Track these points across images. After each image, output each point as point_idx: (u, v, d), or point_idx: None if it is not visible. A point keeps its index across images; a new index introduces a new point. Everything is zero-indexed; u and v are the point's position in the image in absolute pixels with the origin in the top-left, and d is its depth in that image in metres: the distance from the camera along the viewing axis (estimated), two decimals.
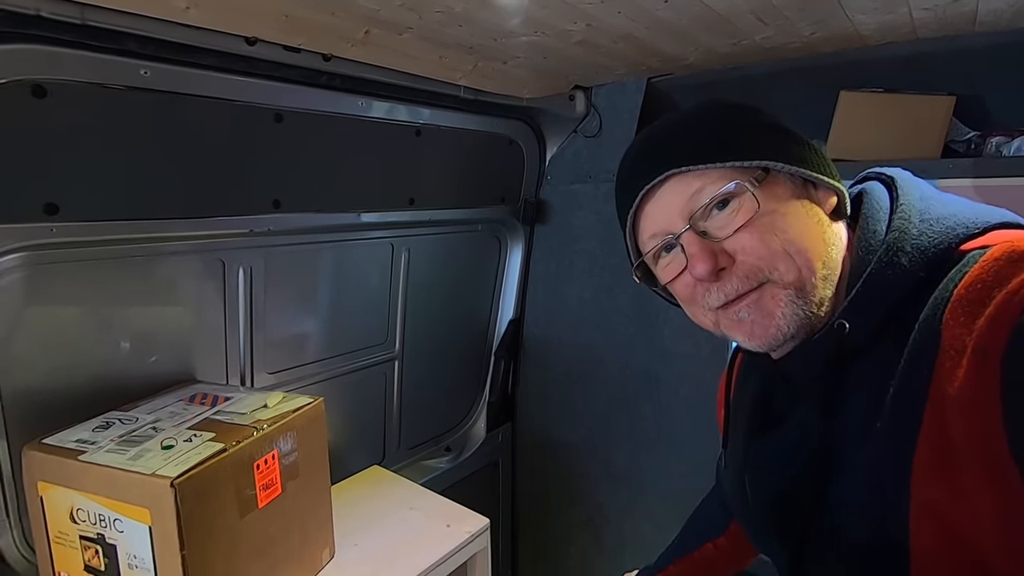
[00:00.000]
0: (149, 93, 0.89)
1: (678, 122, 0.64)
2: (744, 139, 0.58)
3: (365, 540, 1.13)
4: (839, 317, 0.54)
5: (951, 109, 1.15)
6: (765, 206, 0.55)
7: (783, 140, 0.59)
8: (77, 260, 0.92)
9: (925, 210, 0.55)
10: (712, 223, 0.57)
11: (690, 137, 0.60)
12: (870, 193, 0.61)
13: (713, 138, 0.59)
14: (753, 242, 0.55)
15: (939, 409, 0.47)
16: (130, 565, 0.78)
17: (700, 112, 0.64)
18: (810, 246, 0.55)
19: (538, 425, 1.86)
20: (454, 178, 1.47)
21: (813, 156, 0.59)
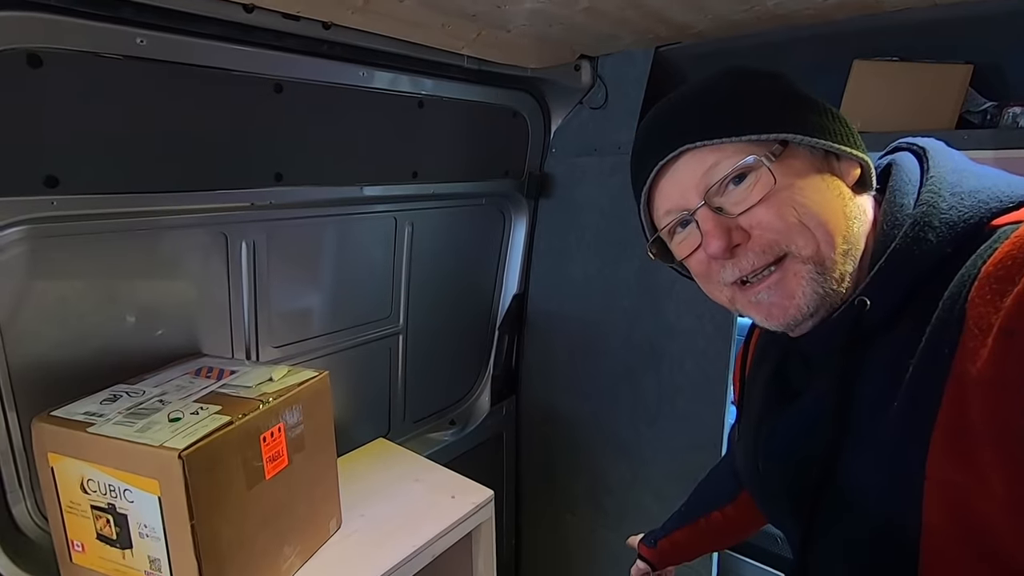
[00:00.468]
0: (146, 63, 0.87)
1: (693, 94, 0.61)
2: (761, 110, 0.56)
3: (371, 511, 1.14)
4: (860, 293, 0.53)
5: (968, 78, 1.12)
6: (783, 180, 0.54)
7: (803, 109, 0.57)
8: (80, 234, 0.92)
9: (957, 183, 0.53)
10: (728, 198, 0.56)
11: (705, 110, 0.58)
12: (899, 165, 0.58)
13: (728, 110, 0.57)
14: (769, 216, 0.54)
15: (960, 388, 0.46)
16: (141, 534, 0.79)
17: (716, 81, 0.61)
18: (830, 219, 0.54)
19: (542, 398, 1.87)
20: (457, 151, 1.45)
21: (836, 126, 0.57)
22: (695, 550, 1.00)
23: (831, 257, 0.54)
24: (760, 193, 0.54)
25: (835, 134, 0.57)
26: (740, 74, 0.61)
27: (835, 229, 0.54)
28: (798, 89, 0.59)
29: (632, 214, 0.67)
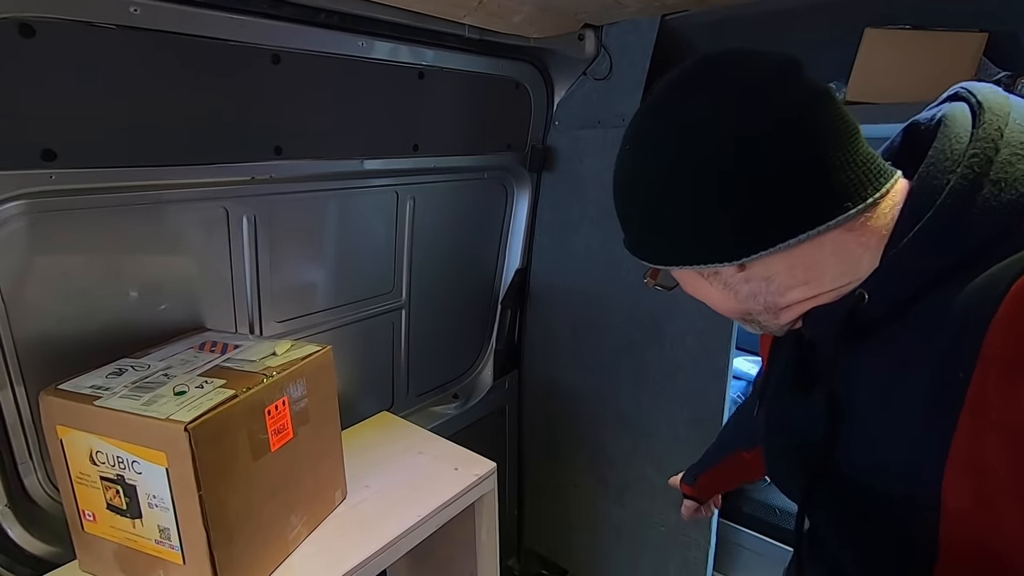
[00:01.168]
0: (140, 32, 0.85)
1: (620, 192, 0.62)
2: (672, 239, 0.56)
3: (376, 482, 1.16)
4: (861, 286, 0.51)
5: (982, 47, 1.09)
6: (711, 291, 0.59)
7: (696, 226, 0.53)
8: (80, 208, 0.91)
9: (1005, 164, 0.46)
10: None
11: (628, 226, 0.61)
12: (946, 128, 0.51)
13: (646, 239, 0.59)
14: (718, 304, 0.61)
15: (976, 423, 0.44)
16: (150, 504, 0.81)
17: (631, 186, 0.59)
18: (781, 296, 0.56)
19: (544, 372, 1.88)
20: (459, 123, 1.43)
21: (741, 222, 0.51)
22: (732, 482, 1.11)
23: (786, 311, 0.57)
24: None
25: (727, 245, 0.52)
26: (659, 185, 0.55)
27: (747, 312, 0.59)
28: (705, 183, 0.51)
29: None
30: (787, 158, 0.48)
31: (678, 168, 0.52)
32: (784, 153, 0.48)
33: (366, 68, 1.17)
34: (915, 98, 1.12)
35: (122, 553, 0.86)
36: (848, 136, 0.50)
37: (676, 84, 0.54)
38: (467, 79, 1.39)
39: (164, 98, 0.92)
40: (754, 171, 0.49)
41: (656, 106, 0.55)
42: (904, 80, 1.15)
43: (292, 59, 1.04)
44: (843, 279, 0.53)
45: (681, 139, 0.52)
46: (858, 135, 0.51)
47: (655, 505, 1.70)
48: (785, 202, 0.49)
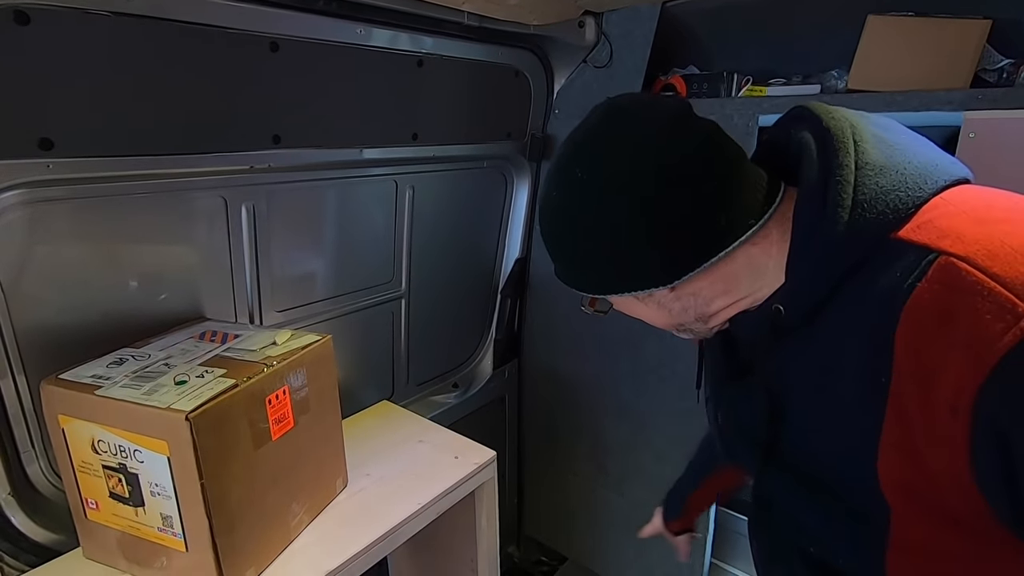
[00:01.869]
0: (136, 19, 0.84)
1: (547, 230, 0.65)
2: (609, 272, 0.61)
3: (377, 470, 1.17)
4: (775, 300, 0.59)
5: (985, 34, 1.08)
6: (646, 310, 0.66)
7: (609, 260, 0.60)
8: (78, 197, 0.91)
9: (861, 186, 0.53)
10: None
11: (562, 263, 0.65)
12: (807, 155, 0.58)
13: (583, 273, 0.64)
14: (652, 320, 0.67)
15: (902, 416, 0.51)
16: (152, 493, 0.82)
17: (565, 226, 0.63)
18: (707, 306, 0.63)
19: (544, 362, 1.89)
20: (458, 112, 1.42)
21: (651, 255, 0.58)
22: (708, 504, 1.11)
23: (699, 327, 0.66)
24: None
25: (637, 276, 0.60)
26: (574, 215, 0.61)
27: (670, 324, 0.66)
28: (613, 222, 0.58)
29: None
30: (701, 187, 0.56)
31: (604, 203, 0.58)
32: (698, 182, 0.56)
33: (365, 56, 1.16)
34: (918, 86, 1.11)
35: (125, 541, 0.87)
36: (741, 161, 0.59)
37: (593, 130, 0.60)
38: (466, 67, 1.38)
39: (161, 86, 0.91)
40: (676, 203, 0.56)
41: (573, 150, 0.61)
42: (907, 68, 1.14)
43: (290, 47, 1.03)
44: (756, 285, 0.61)
45: (603, 175, 0.58)
46: (746, 158, 0.60)
47: (654, 493, 1.70)
48: (703, 228, 0.57)
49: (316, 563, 0.93)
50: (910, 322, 0.49)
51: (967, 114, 1.05)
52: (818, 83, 1.28)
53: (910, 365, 0.49)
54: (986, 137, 1.02)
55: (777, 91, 1.32)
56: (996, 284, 0.45)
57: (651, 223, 0.56)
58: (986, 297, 0.45)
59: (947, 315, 0.47)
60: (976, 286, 0.46)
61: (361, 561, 0.97)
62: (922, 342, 0.48)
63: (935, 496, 0.52)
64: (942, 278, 0.48)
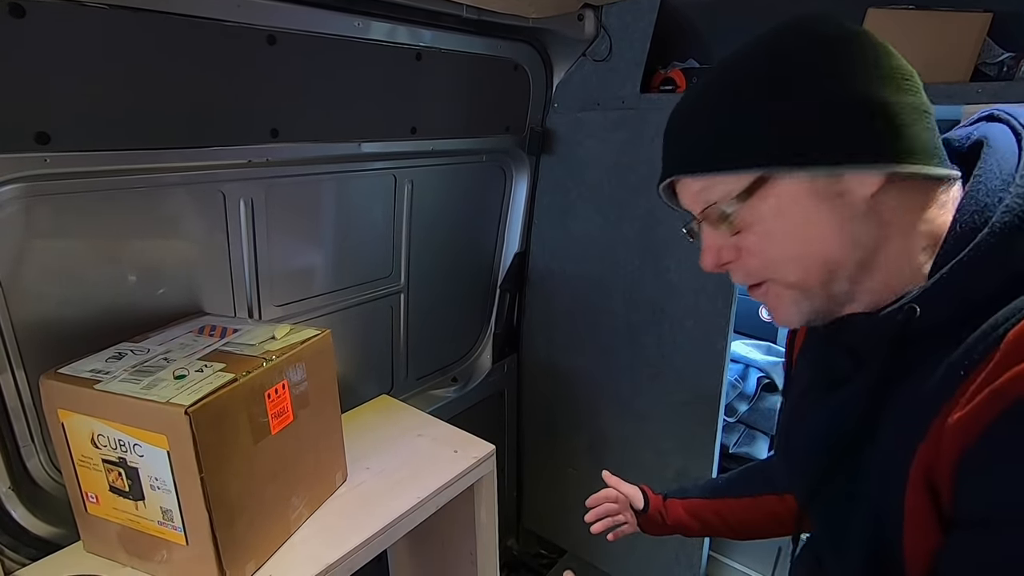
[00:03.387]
0: (132, 12, 0.84)
1: (687, 106, 0.57)
2: (748, 135, 0.51)
3: (376, 464, 1.17)
4: (912, 299, 0.50)
5: (986, 27, 1.07)
6: (766, 216, 0.52)
7: (803, 123, 0.49)
8: (76, 192, 0.91)
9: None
10: (718, 221, 0.55)
11: (690, 134, 0.55)
12: (991, 148, 0.50)
13: (710, 138, 0.53)
14: (755, 245, 0.54)
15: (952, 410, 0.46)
16: (152, 487, 0.82)
17: (712, 88, 0.54)
18: (816, 254, 0.52)
19: (543, 356, 1.89)
20: (457, 106, 1.42)
21: (842, 130, 0.49)
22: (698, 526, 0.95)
23: (818, 285, 0.53)
24: (744, 224, 0.54)
25: (836, 146, 0.49)
26: (743, 75, 0.52)
27: (822, 263, 0.52)
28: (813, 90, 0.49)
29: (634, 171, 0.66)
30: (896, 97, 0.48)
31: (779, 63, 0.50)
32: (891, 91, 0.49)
33: (363, 49, 1.15)
34: None
35: (125, 534, 0.88)
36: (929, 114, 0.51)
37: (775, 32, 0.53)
38: (465, 60, 1.37)
39: (158, 80, 0.91)
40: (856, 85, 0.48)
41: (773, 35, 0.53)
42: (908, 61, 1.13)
43: (288, 40, 1.03)
44: (902, 277, 0.52)
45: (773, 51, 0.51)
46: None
47: (653, 487, 1.71)
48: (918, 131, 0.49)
49: (316, 556, 0.94)
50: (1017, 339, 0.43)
51: (967, 108, 1.05)
52: None
53: (1001, 358, 0.43)
54: None
55: None
56: None
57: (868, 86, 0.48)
58: None
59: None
60: None
61: (361, 554, 0.98)
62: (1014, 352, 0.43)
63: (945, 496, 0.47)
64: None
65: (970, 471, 0.45)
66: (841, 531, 0.60)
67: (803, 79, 0.49)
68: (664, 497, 0.99)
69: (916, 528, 0.49)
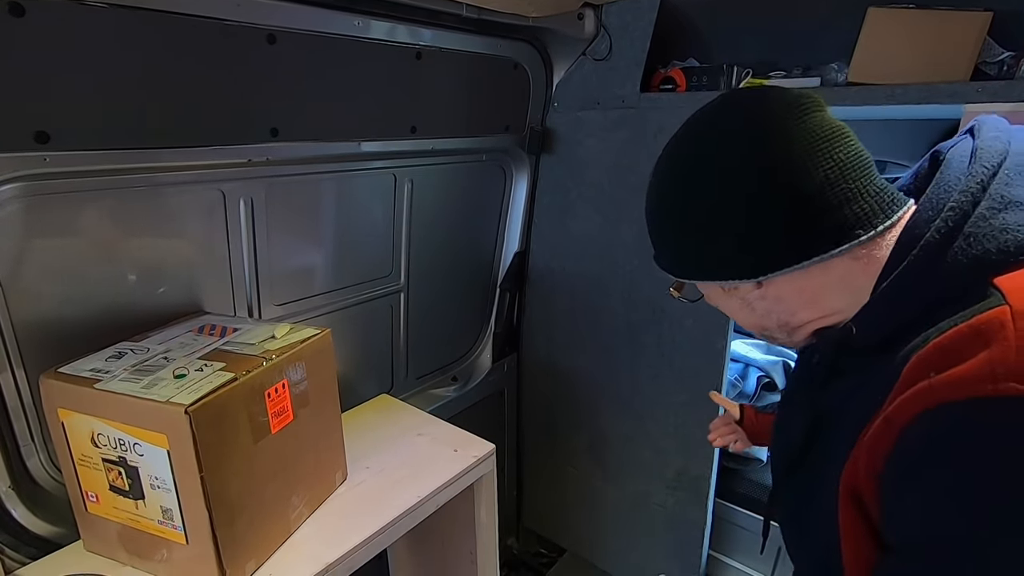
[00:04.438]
0: (132, 11, 0.84)
1: (650, 207, 0.65)
2: (686, 255, 0.62)
3: (376, 463, 1.17)
4: (852, 320, 0.56)
5: (986, 26, 1.07)
6: (731, 303, 0.65)
7: (718, 241, 0.58)
8: (76, 191, 0.91)
9: (979, 218, 0.48)
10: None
11: (659, 244, 0.66)
12: (941, 171, 0.54)
13: (674, 256, 0.65)
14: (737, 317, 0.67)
15: (867, 430, 0.51)
16: (152, 486, 0.82)
17: (663, 208, 0.64)
18: (745, 324, 0.66)
19: (543, 355, 1.89)
20: (457, 105, 1.42)
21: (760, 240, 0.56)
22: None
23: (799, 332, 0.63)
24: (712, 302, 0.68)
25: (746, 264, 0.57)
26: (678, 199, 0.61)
27: (753, 328, 0.66)
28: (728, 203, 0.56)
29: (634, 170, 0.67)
30: (805, 186, 0.52)
31: (706, 192, 0.57)
32: (802, 181, 0.52)
33: (363, 48, 1.15)
34: (918, 79, 1.11)
35: (126, 533, 0.88)
36: (863, 168, 0.54)
37: (705, 115, 0.60)
38: (465, 60, 1.37)
39: (158, 79, 0.91)
40: (774, 197, 0.53)
41: (685, 135, 0.61)
42: (907, 60, 1.13)
43: (288, 39, 1.02)
44: (849, 303, 0.57)
45: (708, 165, 0.57)
46: (871, 168, 0.55)
47: (652, 486, 1.72)
48: (801, 227, 0.53)
49: (316, 555, 0.94)
50: (925, 354, 0.47)
51: (967, 107, 1.04)
52: (818, 76, 1.27)
53: (899, 387, 0.49)
54: None
55: (777, 84, 1.31)
56: (1012, 342, 0.43)
57: (746, 218, 0.55)
58: (994, 350, 0.43)
59: (954, 356, 0.45)
60: (998, 339, 0.43)
61: (361, 553, 0.98)
62: (917, 370, 0.47)
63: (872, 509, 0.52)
64: (980, 324, 0.45)
65: (884, 494, 0.49)
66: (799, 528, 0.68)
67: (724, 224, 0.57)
68: (756, 412, 1.12)
69: (849, 540, 0.54)
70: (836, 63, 1.26)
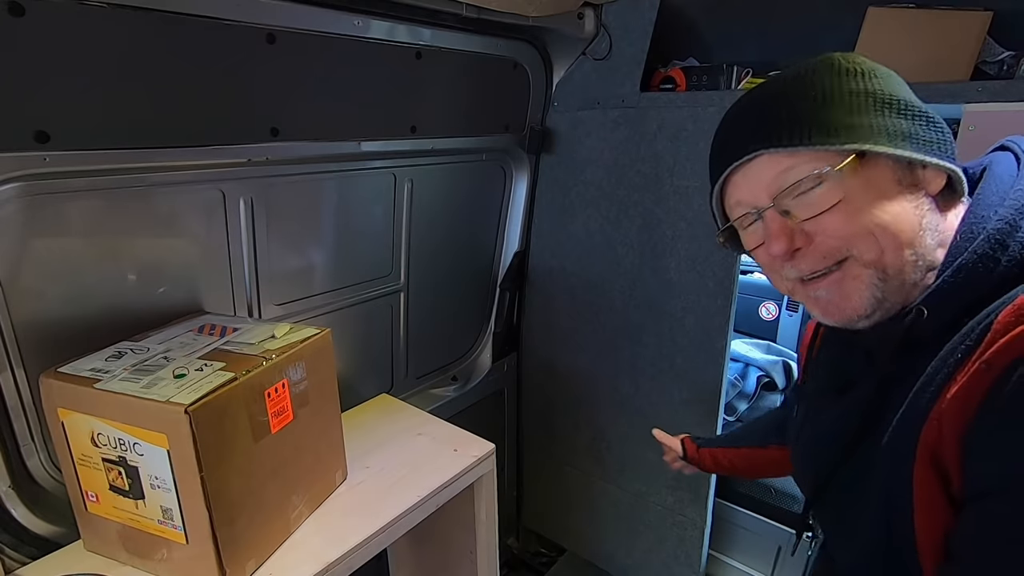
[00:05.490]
0: (132, 11, 0.84)
1: (777, 90, 0.60)
2: (843, 117, 0.55)
3: (376, 463, 1.17)
4: (920, 302, 0.55)
5: (986, 26, 1.07)
6: (854, 192, 0.55)
7: (890, 114, 0.55)
8: (75, 191, 0.91)
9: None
10: (797, 203, 0.57)
11: (787, 112, 0.57)
12: (992, 170, 0.57)
13: (810, 116, 0.56)
14: (835, 224, 0.56)
15: (951, 388, 0.50)
16: (152, 485, 0.82)
17: (803, 78, 0.59)
18: (899, 230, 0.55)
19: (543, 355, 1.89)
20: (457, 105, 1.42)
21: (926, 132, 0.56)
22: (725, 469, 1.13)
23: (895, 265, 0.55)
24: (829, 202, 0.56)
25: (922, 142, 0.55)
26: (831, 70, 0.58)
27: (903, 240, 0.55)
28: (892, 90, 0.57)
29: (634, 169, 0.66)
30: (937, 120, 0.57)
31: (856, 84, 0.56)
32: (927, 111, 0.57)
33: (363, 48, 1.15)
34: (918, 78, 1.11)
35: (126, 533, 0.88)
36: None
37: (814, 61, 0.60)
38: (465, 59, 1.37)
39: (158, 79, 0.91)
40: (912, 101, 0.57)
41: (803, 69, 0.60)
42: (907, 60, 1.13)
43: (287, 38, 1.02)
44: (926, 252, 0.56)
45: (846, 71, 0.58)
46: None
47: (652, 486, 1.72)
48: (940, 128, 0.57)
49: (316, 555, 0.94)
50: (1017, 305, 0.48)
51: (967, 107, 1.04)
52: None
53: (991, 338, 0.48)
54: (986, 130, 1.02)
55: None
56: None
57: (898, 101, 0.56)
58: None
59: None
60: None
61: (361, 553, 0.98)
62: (1011, 319, 0.47)
63: (952, 472, 0.50)
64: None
65: (975, 443, 0.47)
66: (851, 521, 0.64)
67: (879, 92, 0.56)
68: (698, 447, 1.17)
69: (926, 509, 0.52)
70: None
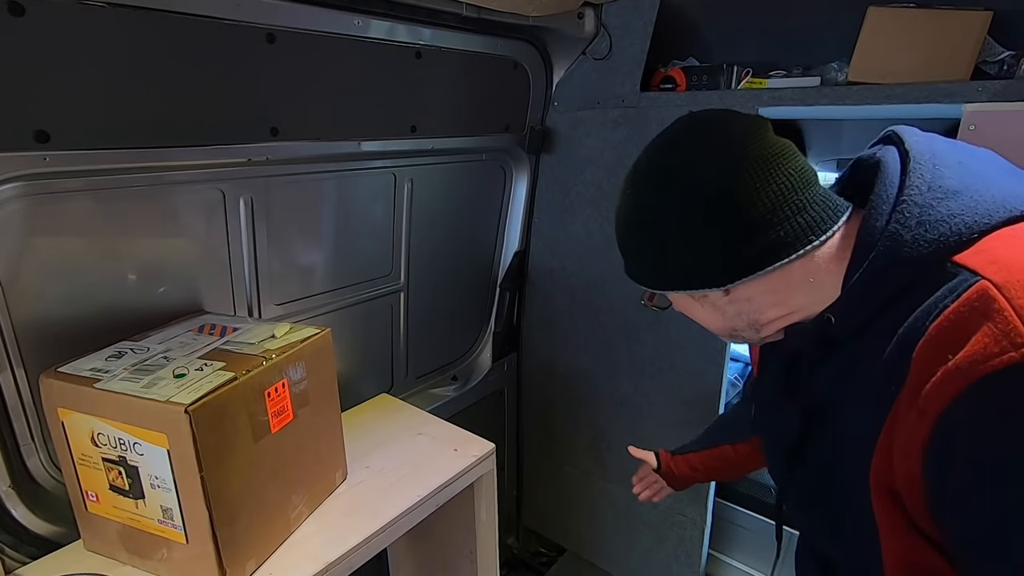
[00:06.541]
0: (132, 10, 0.84)
1: (620, 226, 0.69)
2: (669, 268, 0.65)
3: (376, 463, 1.17)
4: (828, 310, 0.61)
5: (986, 26, 1.07)
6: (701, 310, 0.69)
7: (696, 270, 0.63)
8: (76, 190, 0.91)
9: (926, 209, 0.55)
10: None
11: (630, 257, 0.69)
12: (882, 174, 0.60)
13: (646, 268, 0.68)
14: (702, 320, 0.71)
15: (891, 426, 0.55)
16: (152, 485, 0.82)
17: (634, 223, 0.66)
18: (710, 327, 0.71)
19: (543, 354, 1.89)
20: (457, 104, 1.42)
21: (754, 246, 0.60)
22: (702, 474, 1.13)
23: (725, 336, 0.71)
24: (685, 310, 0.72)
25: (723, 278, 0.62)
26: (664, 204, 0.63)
27: (717, 331, 0.71)
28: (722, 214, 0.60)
29: None
30: (763, 202, 0.58)
31: (673, 212, 0.61)
32: (761, 198, 0.58)
33: (363, 47, 1.15)
34: (918, 78, 1.11)
35: (126, 533, 0.88)
36: (809, 181, 0.60)
37: (671, 139, 0.65)
38: (465, 59, 1.37)
39: (157, 78, 0.91)
40: (737, 214, 0.58)
41: (653, 158, 0.65)
42: (907, 60, 1.13)
43: (287, 38, 1.02)
44: (812, 299, 0.63)
45: (676, 188, 0.61)
46: (816, 180, 0.62)
47: None
48: (762, 238, 0.59)
49: (316, 554, 0.94)
50: (930, 339, 0.51)
51: (967, 106, 1.04)
52: (818, 75, 1.27)
53: (915, 377, 0.52)
54: (986, 130, 1.02)
55: (777, 83, 1.31)
56: (1012, 312, 0.47)
57: (712, 234, 0.60)
58: (997, 322, 0.48)
59: (960, 334, 0.49)
60: (994, 311, 0.48)
61: (361, 552, 0.98)
62: (931, 356, 0.51)
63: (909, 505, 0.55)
64: (971, 301, 0.50)
65: (935, 498, 0.53)
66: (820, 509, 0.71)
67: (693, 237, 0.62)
68: (672, 455, 1.17)
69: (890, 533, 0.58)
70: (836, 62, 1.26)
